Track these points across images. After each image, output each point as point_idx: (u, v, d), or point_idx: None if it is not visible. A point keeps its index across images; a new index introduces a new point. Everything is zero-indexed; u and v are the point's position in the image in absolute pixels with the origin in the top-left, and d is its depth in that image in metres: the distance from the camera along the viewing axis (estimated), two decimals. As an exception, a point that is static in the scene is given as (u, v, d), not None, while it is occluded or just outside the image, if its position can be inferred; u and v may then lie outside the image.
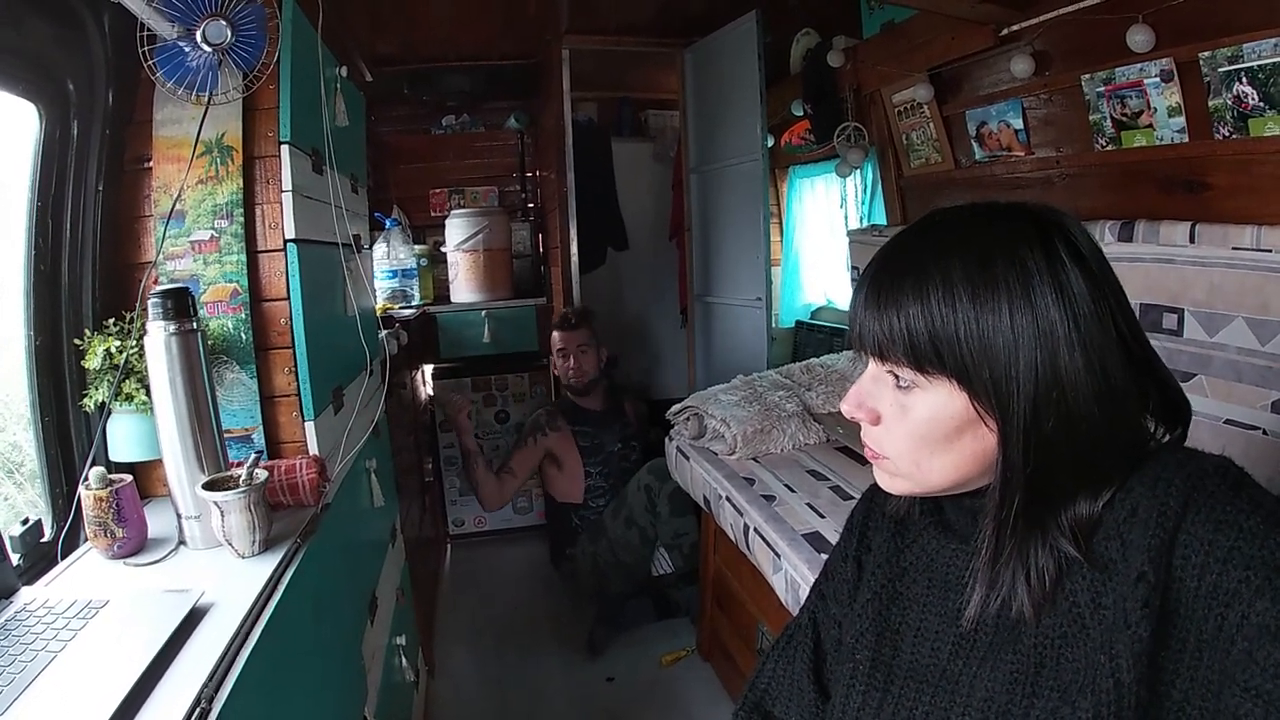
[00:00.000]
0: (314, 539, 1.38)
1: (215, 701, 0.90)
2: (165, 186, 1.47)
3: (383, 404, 2.14)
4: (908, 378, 0.75)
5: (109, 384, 1.34)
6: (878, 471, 0.83)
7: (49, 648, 0.94)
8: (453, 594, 3.45)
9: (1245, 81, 1.56)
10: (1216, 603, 0.63)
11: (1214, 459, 0.70)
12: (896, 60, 2.70)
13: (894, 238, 0.80)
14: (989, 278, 0.70)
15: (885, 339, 0.74)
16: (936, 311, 0.71)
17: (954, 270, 0.71)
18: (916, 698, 0.80)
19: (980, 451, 0.74)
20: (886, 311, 0.74)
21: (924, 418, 0.75)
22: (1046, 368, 0.69)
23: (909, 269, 0.74)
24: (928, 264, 0.73)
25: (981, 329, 0.70)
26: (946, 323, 0.70)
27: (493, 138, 4.30)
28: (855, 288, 0.80)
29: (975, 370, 0.70)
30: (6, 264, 1.34)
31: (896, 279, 0.74)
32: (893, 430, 0.78)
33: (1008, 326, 0.69)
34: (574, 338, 3.38)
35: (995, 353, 0.69)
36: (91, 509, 1.22)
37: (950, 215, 0.78)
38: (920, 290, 0.72)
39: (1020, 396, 0.69)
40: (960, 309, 0.70)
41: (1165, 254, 1.72)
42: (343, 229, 1.80)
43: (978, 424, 0.72)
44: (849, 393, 0.80)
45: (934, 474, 0.77)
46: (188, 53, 1.39)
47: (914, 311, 0.72)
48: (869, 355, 0.78)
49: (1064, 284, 0.70)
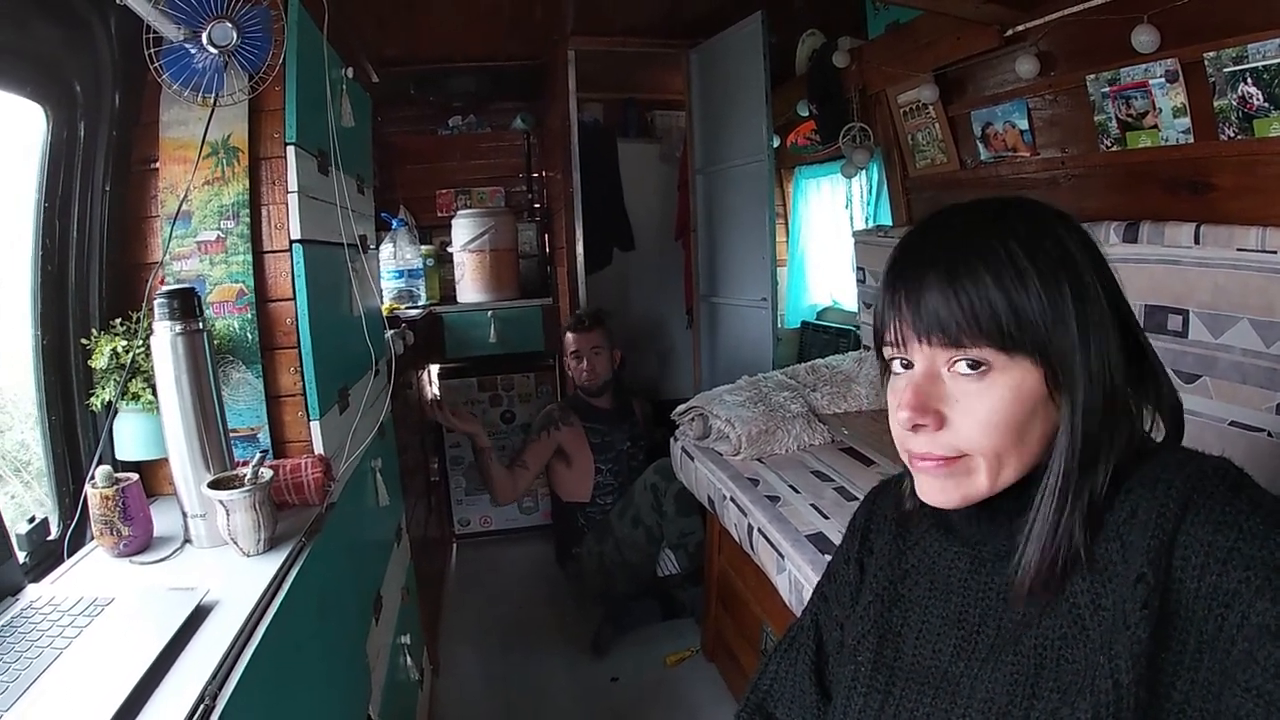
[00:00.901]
0: (319, 538, 1.39)
1: (219, 699, 0.91)
2: (172, 187, 1.47)
3: (388, 404, 2.15)
4: (983, 360, 0.72)
5: (115, 383, 1.35)
6: (938, 485, 0.76)
7: (55, 644, 0.95)
8: (458, 593, 3.46)
9: (1250, 82, 1.55)
10: (1216, 603, 0.63)
11: (1213, 460, 0.70)
12: (902, 61, 2.70)
13: (920, 231, 0.79)
14: (1047, 256, 0.71)
15: (967, 319, 0.71)
16: (1012, 288, 0.70)
17: (1015, 250, 0.71)
18: (918, 699, 0.80)
19: (1042, 436, 0.73)
20: (963, 292, 0.71)
21: (1005, 401, 0.72)
22: (1099, 341, 0.71)
23: (972, 250, 0.73)
24: (988, 244, 0.72)
25: (1052, 304, 0.70)
26: (1023, 298, 0.70)
27: (499, 138, 4.31)
28: (893, 281, 0.77)
29: (1051, 342, 0.71)
30: (14, 264, 1.35)
31: (963, 259, 0.72)
32: (965, 424, 0.73)
33: (1070, 303, 0.71)
34: (587, 339, 3.38)
35: (1065, 325, 0.70)
36: (98, 507, 1.23)
37: (973, 206, 0.78)
38: (994, 268, 0.71)
39: (1082, 368, 0.71)
40: (1032, 285, 0.70)
41: (1170, 255, 1.72)
42: (348, 229, 1.80)
43: (1047, 402, 0.72)
44: (904, 399, 0.75)
45: (1010, 468, 0.74)
46: (194, 55, 1.39)
47: (993, 289, 0.71)
48: (929, 347, 0.74)
49: (1099, 267, 0.74)
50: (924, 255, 0.75)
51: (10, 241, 1.35)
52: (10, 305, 1.36)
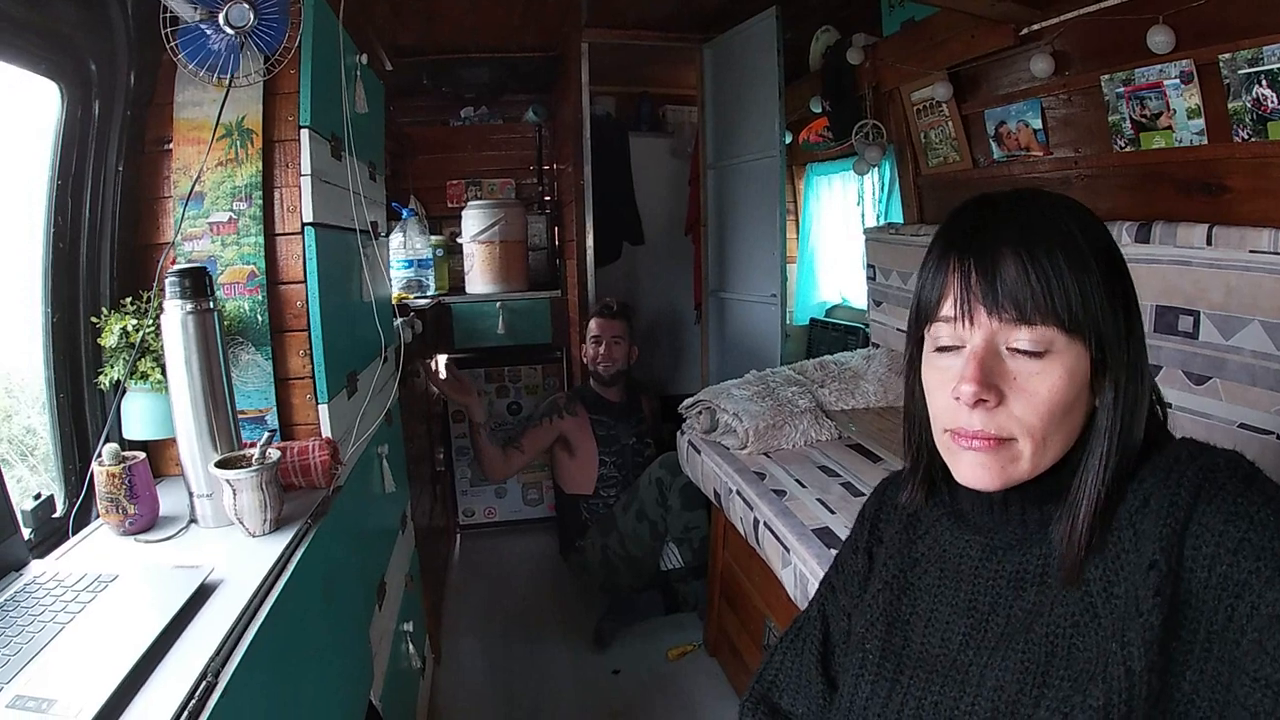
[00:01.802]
0: (324, 520, 1.39)
1: (221, 675, 0.91)
2: (185, 168, 1.47)
3: (396, 391, 2.15)
4: (1044, 341, 0.72)
5: (125, 362, 1.35)
6: (984, 465, 0.76)
7: (57, 619, 0.95)
8: (461, 583, 3.46)
9: (1265, 84, 1.55)
10: (1227, 593, 0.63)
11: (1225, 453, 0.71)
12: (916, 58, 2.70)
13: (983, 206, 0.78)
14: (1105, 253, 0.74)
15: (1041, 296, 0.71)
16: (1082, 274, 0.71)
17: (1081, 240, 0.73)
18: (926, 687, 0.80)
19: (1079, 420, 0.75)
20: (1041, 270, 0.71)
21: (1061, 382, 0.72)
22: (1138, 337, 0.75)
23: (1051, 231, 0.73)
24: (1063, 229, 0.73)
25: (1110, 294, 0.73)
26: (1088, 285, 0.71)
27: (511, 130, 4.31)
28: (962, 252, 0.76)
29: (1104, 332, 0.72)
30: (26, 243, 1.35)
31: (1041, 239, 0.72)
32: (1022, 405, 0.73)
33: (1120, 297, 0.74)
34: (611, 327, 3.38)
35: (1113, 316, 0.73)
36: (104, 485, 1.23)
37: (1030, 193, 0.79)
38: (1068, 252, 0.72)
39: (1123, 359, 0.73)
40: (1094, 275, 0.72)
41: (1182, 256, 1.71)
42: (360, 214, 1.80)
43: (1086, 388, 0.73)
44: (968, 373, 0.73)
45: (1051, 451, 0.74)
46: (210, 35, 1.39)
47: (1066, 271, 0.71)
48: (996, 321, 0.73)
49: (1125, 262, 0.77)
50: (1000, 230, 0.75)
51: (22, 220, 1.35)
52: (21, 287, 1.36)
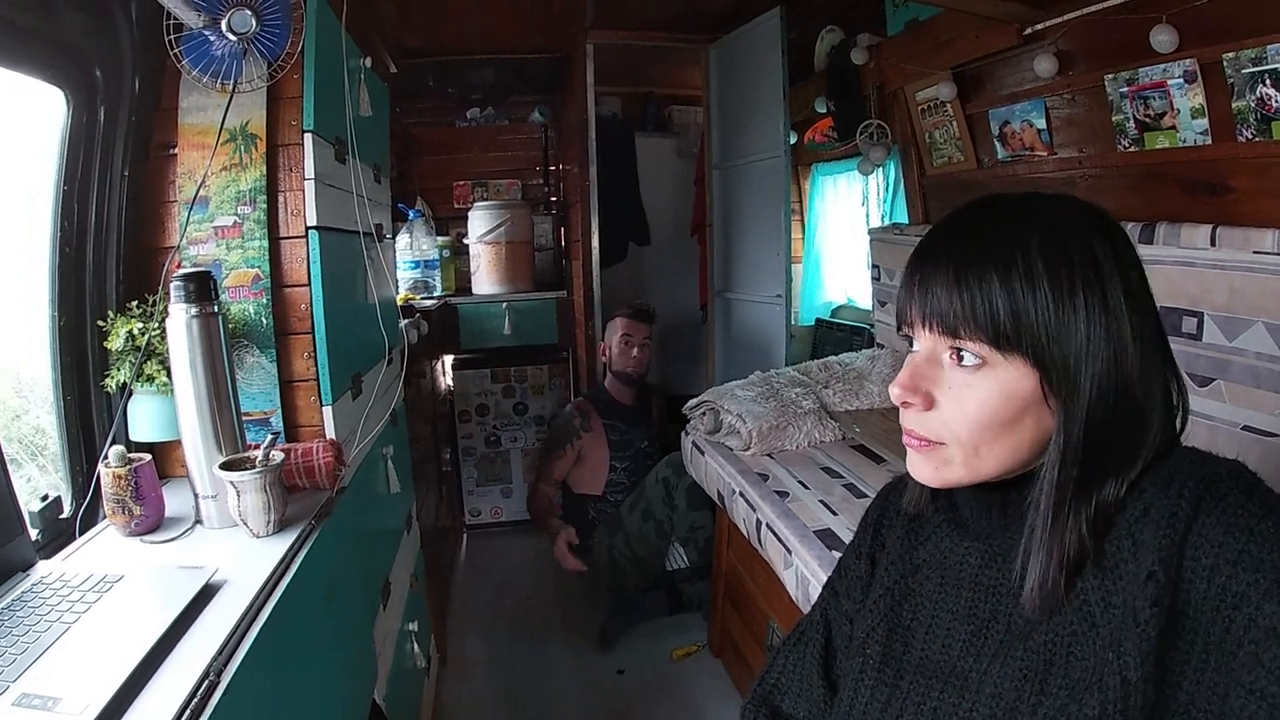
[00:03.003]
0: (328, 521, 1.40)
1: (224, 674, 0.92)
2: (189, 173, 1.49)
3: (401, 392, 2.17)
4: (979, 355, 0.73)
5: (131, 365, 1.36)
6: (919, 463, 0.80)
7: (64, 619, 0.96)
8: (467, 583, 3.47)
9: (1269, 84, 1.54)
10: (1225, 605, 0.63)
11: (1227, 463, 0.71)
12: (920, 58, 2.69)
13: (953, 216, 0.80)
14: (1067, 264, 0.71)
15: (965, 313, 0.73)
16: (1019, 290, 0.71)
17: (1033, 253, 0.71)
18: (925, 693, 0.80)
19: (1038, 436, 0.74)
20: (967, 287, 0.73)
21: (993, 398, 0.73)
22: (1111, 355, 0.71)
23: (988, 247, 0.74)
24: (1007, 244, 0.73)
25: (1059, 311, 0.71)
26: (1028, 301, 0.71)
27: (517, 131, 4.33)
28: (914, 264, 0.78)
29: (1050, 349, 0.71)
30: (34, 247, 1.37)
31: (977, 256, 0.74)
32: (952, 413, 0.75)
33: (1083, 312, 0.71)
34: (643, 329, 3.39)
35: (1069, 334, 0.71)
36: (110, 487, 1.24)
37: (1014, 199, 0.78)
38: (1004, 269, 0.72)
39: (1087, 379, 0.71)
40: (1040, 291, 0.71)
41: (1186, 257, 1.71)
42: (364, 217, 1.81)
43: (1041, 405, 0.73)
44: (900, 375, 0.78)
45: (990, 460, 0.75)
46: (213, 41, 1.41)
47: (998, 288, 0.71)
48: (930, 333, 0.76)
49: (1127, 276, 0.73)
50: (941, 244, 0.77)
51: (29, 225, 1.37)
52: (30, 290, 1.37)
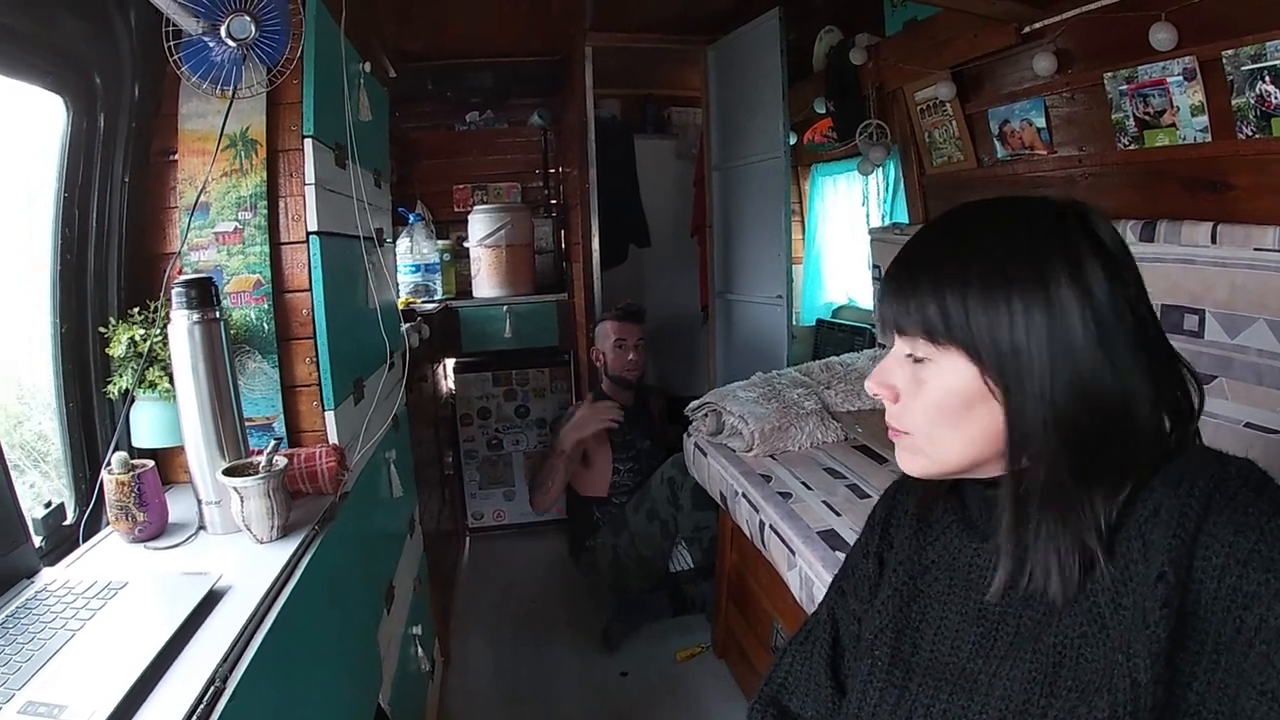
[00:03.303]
0: (332, 526, 1.40)
1: (229, 680, 0.92)
2: (190, 179, 1.49)
3: (403, 396, 2.17)
4: (924, 352, 0.78)
5: (133, 371, 1.37)
6: (899, 452, 0.85)
7: (68, 625, 0.96)
8: (470, 586, 3.47)
9: (1268, 80, 1.54)
10: (1235, 605, 0.63)
11: (1238, 461, 0.70)
12: (919, 58, 2.70)
13: (919, 232, 0.84)
14: (998, 274, 0.74)
15: (905, 314, 0.78)
16: (948, 296, 0.75)
17: (969, 264, 0.75)
18: (934, 695, 0.80)
19: (993, 429, 0.76)
20: (910, 290, 0.78)
21: (938, 390, 0.78)
22: (1060, 355, 0.72)
23: (928, 265, 0.79)
24: (946, 261, 0.78)
25: (989, 314, 0.74)
26: (956, 306, 0.75)
27: (516, 134, 4.33)
28: (886, 272, 0.85)
29: (982, 345, 0.74)
30: (35, 254, 1.37)
31: (916, 272, 0.79)
32: (910, 405, 0.81)
33: (1020, 312, 0.73)
34: (636, 331, 3.38)
35: (1002, 332, 0.73)
36: (113, 493, 1.24)
37: (973, 211, 0.81)
38: (938, 277, 0.77)
39: (1033, 376, 0.72)
40: (970, 296, 0.74)
41: (1186, 254, 1.71)
42: (365, 222, 1.82)
43: (988, 398, 0.75)
44: (873, 371, 0.85)
45: (949, 451, 0.79)
46: (212, 48, 1.41)
47: (928, 295, 0.77)
48: (891, 334, 0.82)
49: (1082, 282, 0.72)
50: (903, 252, 0.84)
51: (30, 231, 1.37)
52: (31, 296, 1.37)
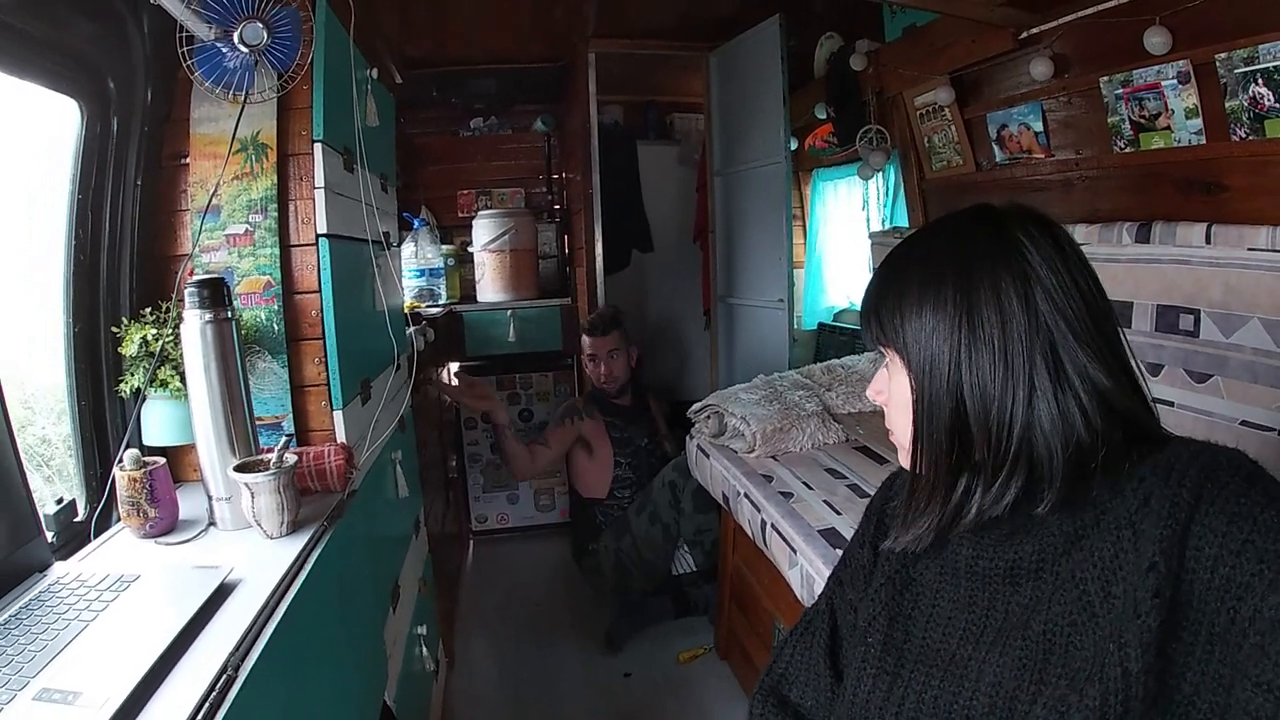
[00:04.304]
0: (340, 523, 1.42)
1: (241, 670, 0.94)
2: (201, 182, 1.51)
3: (409, 398, 2.19)
4: (885, 355, 0.88)
5: (145, 370, 1.39)
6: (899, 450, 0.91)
7: (81, 617, 0.98)
8: (474, 588, 3.49)
9: (1261, 83, 1.56)
10: (1229, 596, 0.63)
11: (1228, 451, 0.71)
12: (918, 64, 2.72)
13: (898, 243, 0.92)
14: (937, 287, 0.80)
15: (864, 323, 0.89)
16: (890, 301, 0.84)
17: (912, 275, 0.83)
18: (926, 681, 0.81)
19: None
20: (865, 307, 0.89)
21: (898, 393, 0.86)
22: (977, 368, 0.77)
23: (887, 275, 0.87)
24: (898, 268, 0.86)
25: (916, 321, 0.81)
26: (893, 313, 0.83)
27: (520, 140, 4.35)
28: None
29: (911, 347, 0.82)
30: (48, 255, 1.39)
31: (878, 282, 0.88)
32: (888, 408, 0.89)
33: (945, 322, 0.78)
34: (604, 343, 3.39)
35: (923, 336, 0.80)
36: (125, 489, 1.26)
37: (935, 223, 0.89)
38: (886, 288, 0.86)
39: (937, 379, 0.79)
40: (907, 304, 0.82)
41: (1181, 255, 1.72)
42: (373, 226, 1.84)
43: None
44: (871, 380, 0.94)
45: (923, 449, 0.84)
46: (225, 53, 1.43)
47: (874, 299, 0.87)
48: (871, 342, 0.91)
49: (1004, 295, 0.77)
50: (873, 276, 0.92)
51: (41, 232, 1.39)
52: (32, 297, 1.40)
